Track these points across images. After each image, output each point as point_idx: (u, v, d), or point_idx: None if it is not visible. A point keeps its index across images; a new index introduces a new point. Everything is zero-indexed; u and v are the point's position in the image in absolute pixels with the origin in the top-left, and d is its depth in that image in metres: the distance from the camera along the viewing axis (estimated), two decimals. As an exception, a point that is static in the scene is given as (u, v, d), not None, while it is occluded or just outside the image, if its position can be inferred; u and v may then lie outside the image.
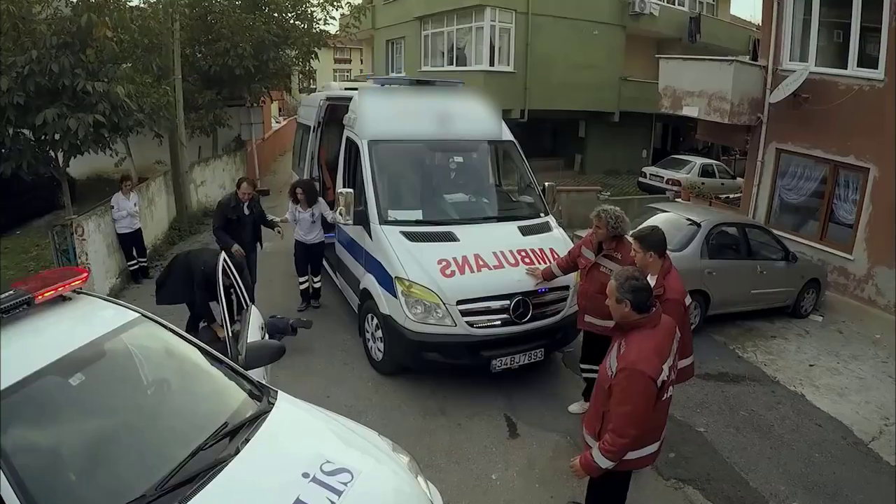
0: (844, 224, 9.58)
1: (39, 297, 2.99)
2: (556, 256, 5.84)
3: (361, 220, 6.06)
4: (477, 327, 5.34)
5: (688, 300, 4.06)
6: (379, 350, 5.95)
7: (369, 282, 5.98)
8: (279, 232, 7.34)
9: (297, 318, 6.59)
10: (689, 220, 7.68)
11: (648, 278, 4.08)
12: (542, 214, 6.56)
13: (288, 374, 5.89)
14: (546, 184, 6.89)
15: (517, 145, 7.10)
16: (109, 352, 3.11)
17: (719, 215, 8.24)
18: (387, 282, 5.58)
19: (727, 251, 7.75)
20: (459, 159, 7.02)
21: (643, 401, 3.05)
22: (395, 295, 5.44)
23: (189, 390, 3.35)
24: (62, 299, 3.16)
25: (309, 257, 7.41)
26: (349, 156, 6.84)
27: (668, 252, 4.18)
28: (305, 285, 7.56)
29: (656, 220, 8.06)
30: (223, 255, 4.52)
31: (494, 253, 5.63)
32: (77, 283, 3.20)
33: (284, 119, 31.71)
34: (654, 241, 4.06)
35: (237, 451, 2.85)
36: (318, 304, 7.69)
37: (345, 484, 2.88)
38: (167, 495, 2.53)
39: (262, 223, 7.20)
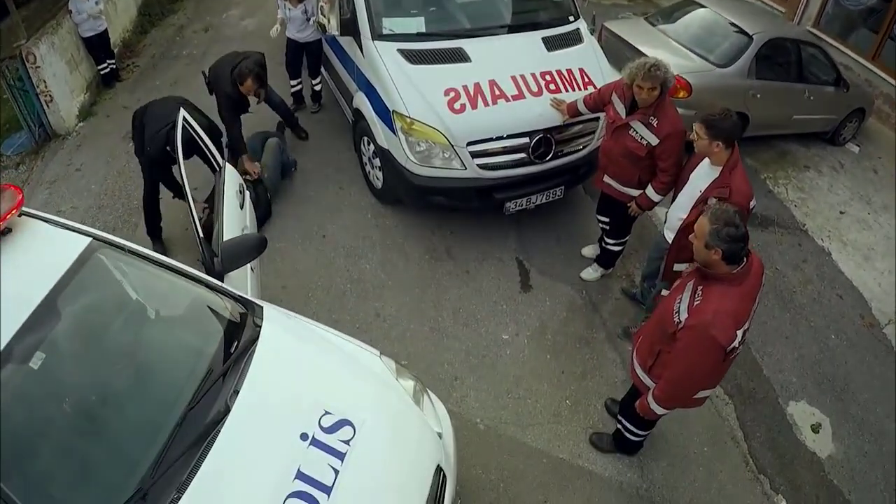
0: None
1: None
2: (586, 79, 4.89)
3: (350, 30, 4.92)
4: (490, 169, 4.62)
5: (753, 203, 3.35)
6: (377, 178, 5.29)
7: (362, 102, 5.06)
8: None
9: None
10: (736, 27, 6.41)
11: (708, 166, 3.35)
12: (571, 18, 5.35)
13: (279, 205, 5.33)
14: None
15: None
16: (65, 311, 2.51)
17: (772, 26, 6.89)
18: (383, 112, 4.70)
19: (777, 71, 6.65)
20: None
21: (706, 366, 2.70)
22: (393, 131, 4.61)
23: (162, 332, 2.86)
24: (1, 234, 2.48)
25: (304, 57, 6.22)
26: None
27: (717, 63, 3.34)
28: (298, 88, 6.49)
29: (693, 18, 6.82)
30: (182, 110, 3.61)
31: (513, 78, 4.65)
32: (14, 210, 2.46)
33: None
34: (725, 130, 3.23)
35: (227, 410, 2.45)
36: (318, 107, 6.64)
37: (347, 442, 2.56)
38: (162, 481, 2.22)
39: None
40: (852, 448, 4.19)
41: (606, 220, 4.62)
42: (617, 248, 4.74)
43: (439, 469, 2.77)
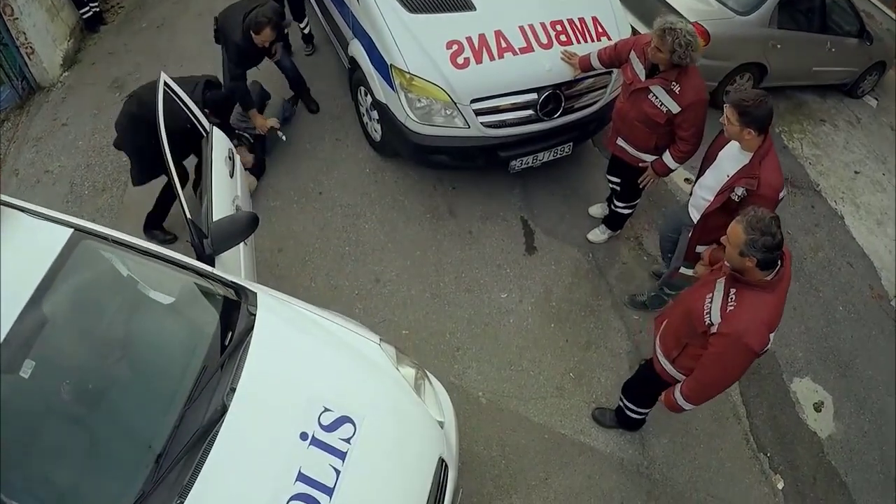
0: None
1: None
2: (599, 29, 4.63)
3: None
4: (494, 127, 4.44)
5: (782, 194, 3.22)
6: (376, 130, 5.09)
7: (358, 52, 4.80)
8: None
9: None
10: None
11: (738, 150, 3.19)
12: None
13: (272, 158, 5.14)
14: None
15: None
16: (52, 311, 2.45)
17: None
18: (381, 66, 4.47)
19: (799, 20, 6.40)
20: None
21: (739, 370, 2.75)
22: (391, 86, 4.39)
23: (154, 326, 2.79)
24: None
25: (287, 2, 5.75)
26: None
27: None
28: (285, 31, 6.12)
29: None
30: (163, 76, 3.38)
31: (521, 28, 4.39)
32: None
33: None
34: (759, 119, 3.02)
35: (225, 409, 2.42)
36: (312, 48, 6.27)
37: (347, 441, 2.55)
38: (163, 487, 2.23)
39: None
40: (852, 428, 4.26)
41: (617, 181, 4.48)
42: (626, 211, 4.62)
43: (441, 460, 2.77)
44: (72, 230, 2.57)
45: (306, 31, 6.09)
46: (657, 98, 3.68)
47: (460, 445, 3.15)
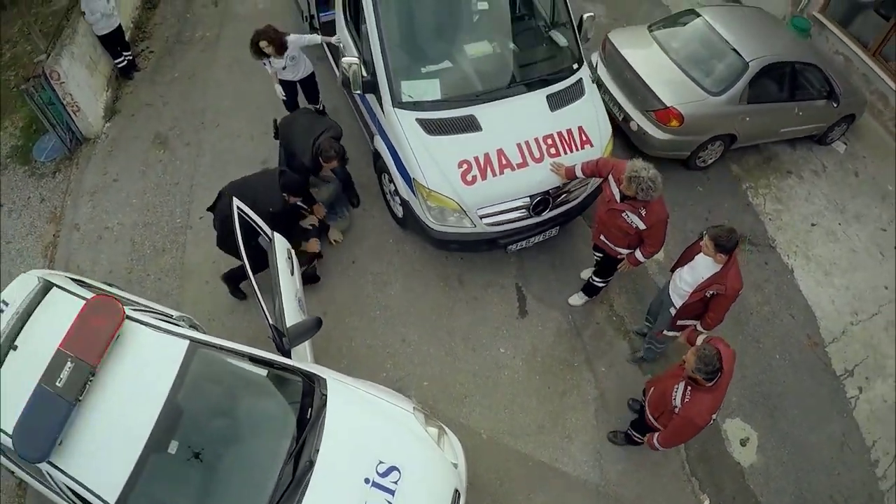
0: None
1: (98, 360, 3.83)
2: (584, 138, 6.06)
3: (371, 89, 6.01)
4: (495, 224, 5.94)
5: (741, 290, 4.83)
6: (398, 209, 6.55)
7: (382, 150, 6.23)
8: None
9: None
10: (733, 48, 7.21)
11: (712, 263, 4.75)
12: (575, 66, 6.38)
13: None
14: (584, 16, 6.46)
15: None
16: (183, 403, 4.06)
17: (772, 47, 7.51)
18: (404, 173, 5.93)
19: (770, 92, 7.48)
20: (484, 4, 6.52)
21: (691, 436, 4.56)
22: (412, 192, 5.91)
23: (257, 407, 4.41)
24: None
25: (298, 90, 7.10)
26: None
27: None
28: None
29: (692, 33, 7.58)
30: (235, 202, 4.80)
31: (519, 146, 5.82)
32: (119, 323, 3.97)
33: None
34: (729, 248, 4.56)
35: (312, 464, 4.06)
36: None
37: (395, 483, 4.17)
38: None
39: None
40: (772, 459, 5.81)
41: (599, 256, 5.98)
42: (601, 284, 6.20)
43: (456, 491, 4.42)
44: (188, 342, 4.19)
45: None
46: (628, 217, 5.16)
47: (467, 472, 4.73)
